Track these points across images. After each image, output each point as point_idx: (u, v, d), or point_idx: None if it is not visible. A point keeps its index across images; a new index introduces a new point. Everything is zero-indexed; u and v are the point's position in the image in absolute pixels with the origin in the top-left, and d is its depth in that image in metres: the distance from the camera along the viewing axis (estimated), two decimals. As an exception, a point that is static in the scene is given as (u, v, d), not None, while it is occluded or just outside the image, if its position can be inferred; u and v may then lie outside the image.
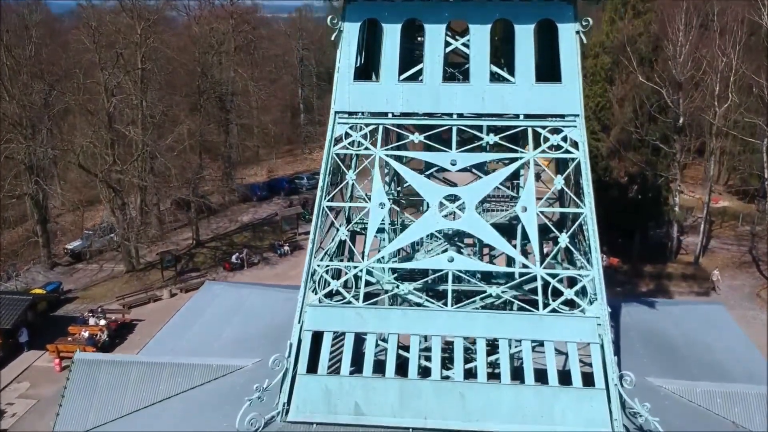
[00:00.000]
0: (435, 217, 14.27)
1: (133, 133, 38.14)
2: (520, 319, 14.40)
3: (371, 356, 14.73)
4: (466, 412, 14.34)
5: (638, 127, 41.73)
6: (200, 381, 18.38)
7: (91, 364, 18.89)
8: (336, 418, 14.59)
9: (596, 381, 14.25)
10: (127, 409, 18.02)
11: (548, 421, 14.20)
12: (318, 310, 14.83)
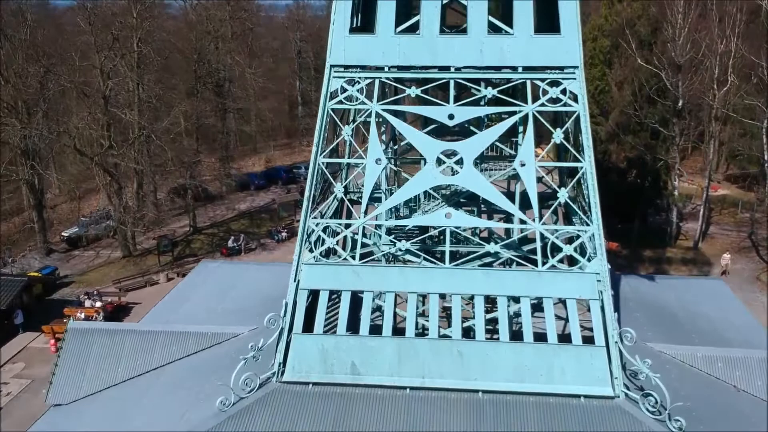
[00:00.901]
0: (432, 172, 14.03)
1: (129, 116, 37.81)
2: (518, 276, 14.17)
3: (368, 315, 14.50)
4: (464, 370, 14.12)
5: (637, 110, 41.45)
6: (195, 349, 18.17)
7: (85, 333, 18.69)
8: (332, 377, 14.37)
9: (596, 338, 14.05)
10: (120, 377, 17.80)
11: (547, 380, 13.99)
12: (314, 268, 14.59)
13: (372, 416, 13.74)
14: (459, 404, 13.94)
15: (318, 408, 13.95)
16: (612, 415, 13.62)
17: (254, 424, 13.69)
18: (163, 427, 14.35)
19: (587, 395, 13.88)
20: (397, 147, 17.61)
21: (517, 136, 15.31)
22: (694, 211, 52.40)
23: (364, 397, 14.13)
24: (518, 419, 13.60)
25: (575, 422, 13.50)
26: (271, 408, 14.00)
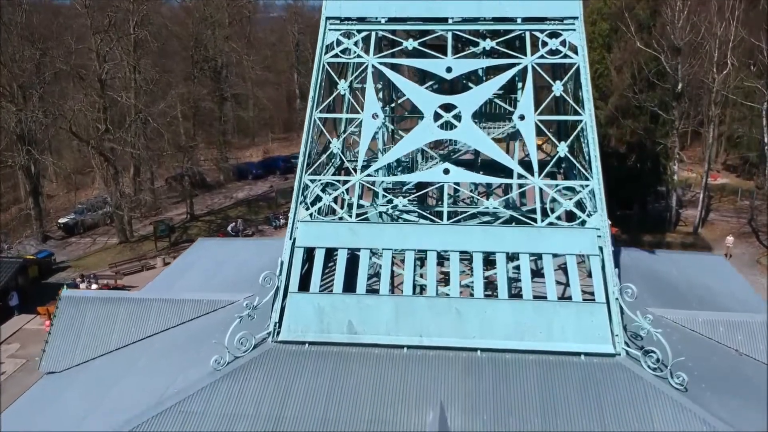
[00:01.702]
0: (430, 127, 13.80)
1: (125, 98, 37.54)
2: (517, 232, 13.94)
3: (365, 273, 14.28)
4: (462, 329, 13.90)
5: (636, 93, 41.25)
6: (190, 316, 17.93)
7: (78, 302, 18.46)
8: (329, 336, 14.15)
9: (596, 294, 13.83)
10: (114, 345, 17.57)
11: (547, 338, 13.77)
12: (310, 226, 14.36)
13: (369, 375, 13.53)
14: (457, 363, 13.73)
15: (314, 367, 13.74)
16: (613, 373, 13.41)
17: (249, 383, 13.47)
18: (158, 388, 14.11)
19: (587, 353, 13.67)
20: (394, 105, 17.37)
21: (516, 92, 15.06)
22: (694, 198, 52.29)
23: (360, 356, 13.92)
24: (517, 377, 13.39)
25: (575, 380, 13.29)
26: (267, 367, 13.78)
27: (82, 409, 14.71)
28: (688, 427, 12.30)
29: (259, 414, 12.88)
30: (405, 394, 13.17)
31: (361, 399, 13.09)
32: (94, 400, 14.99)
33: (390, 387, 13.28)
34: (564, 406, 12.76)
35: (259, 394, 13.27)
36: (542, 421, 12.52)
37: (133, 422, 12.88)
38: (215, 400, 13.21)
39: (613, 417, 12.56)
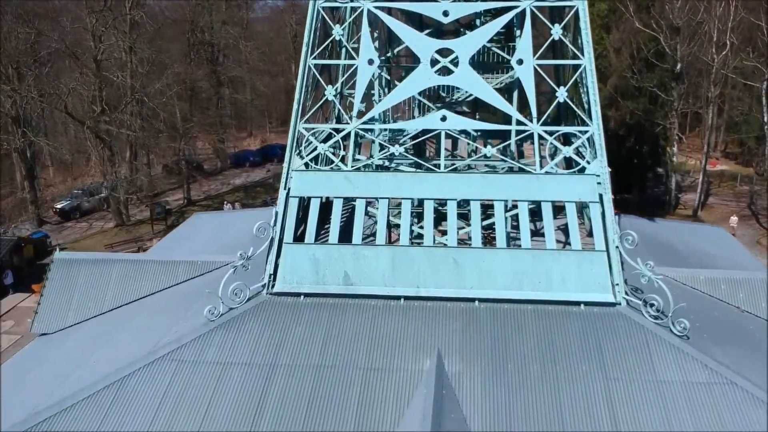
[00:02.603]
0: (427, 72, 13.54)
1: (121, 77, 37.26)
2: (516, 180, 13.71)
3: (360, 223, 14.05)
4: (460, 279, 13.68)
5: (635, 74, 41.04)
6: (185, 277, 17.72)
7: (71, 263, 18.21)
8: (324, 288, 13.92)
9: (596, 242, 13.61)
10: (107, 306, 17.33)
11: (546, 287, 13.55)
12: (304, 175, 14.11)
13: (365, 325, 13.30)
14: (455, 313, 13.51)
15: (309, 318, 13.52)
16: (613, 321, 13.21)
17: (243, 333, 13.25)
18: (150, 342, 13.87)
19: (587, 302, 13.45)
20: (390, 55, 17.10)
21: (514, 40, 14.81)
22: (693, 183, 52.17)
23: (357, 308, 13.69)
24: (516, 327, 13.18)
25: (575, 329, 13.08)
26: (261, 318, 13.56)
27: (72, 365, 14.47)
28: (691, 372, 12.10)
29: (253, 362, 12.66)
30: (402, 343, 12.95)
31: (357, 348, 12.87)
32: (85, 356, 14.75)
33: (386, 337, 13.06)
34: (564, 353, 12.55)
35: (254, 343, 13.05)
36: (542, 368, 12.31)
37: (124, 371, 12.64)
38: (209, 349, 12.99)
39: (614, 364, 12.35)
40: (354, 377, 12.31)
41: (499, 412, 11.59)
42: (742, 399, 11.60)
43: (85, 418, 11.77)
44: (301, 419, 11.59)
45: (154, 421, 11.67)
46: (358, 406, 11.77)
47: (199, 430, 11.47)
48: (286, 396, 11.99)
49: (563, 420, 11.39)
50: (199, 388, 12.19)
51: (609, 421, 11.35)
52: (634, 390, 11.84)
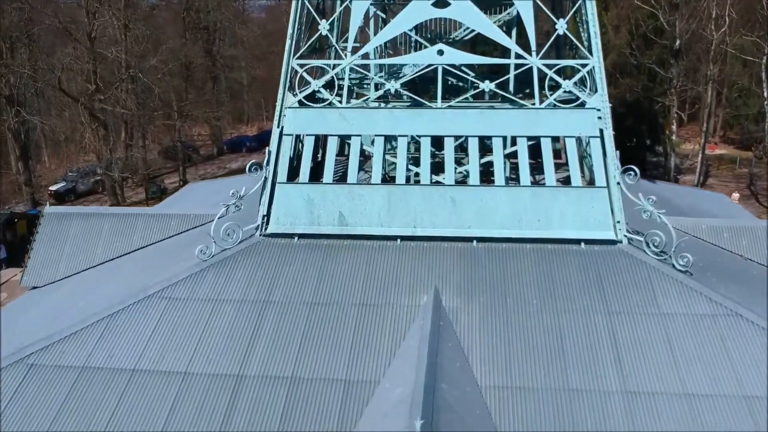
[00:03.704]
0: (423, 5, 13.22)
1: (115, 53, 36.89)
2: (515, 115, 13.39)
3: (356, 161, 13.74)
4: (457, 218, 13.38)
5: (634, 50, 40.75)
6: (177, 230, 17.43)
7: (62, 217, 17.90)
8: (319, 229, 13.62)
9: (597, 179, 13.32)
10: (99, 259, 17.04)
11: (545, 225, 13.25)
12: (298, 112, 13.79)
13: (360, 265, 13.00)
14: (452, 253, 13.21)
15: (303, 259, 13.21)
16: (614, 259, 12.92)
17: (236, 272, 12.94)
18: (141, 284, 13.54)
19: (588, 240, 13.16)
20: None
21: (512, -23, 14.48)
22: (692, 166, 51.94)
23: (352, 249, 13.39)
24: (515, 265, 12.88)
25: (575, 266, 12.79)
26: (254, 259, 13.25)
27: (61, 311, 14.16)
28: (694, 305, 11.81)
29: (246, 299, 12.35)
30: (398, 281, 12.66)
31: (352, 286, 12.57)
32: (74, 303, 14.43)
33: (382, 275, 12.77)
34: (564, 289, 12.27)
35: (246, 281, 12.75)
36: (541, 303, 12.02)
37: (113, 308, 12.34)
38: (200, 288, 12.69)
39: (615, 298, 12.06)
40: (349, 313, 12.01)
41: (498, 344, 11.30)
42: (746, 329, 11.32)
43: (72, 353, 11.46)
44: (295, 352, 11.29)
45: (144, 355, 11.37)
46: (353, 340, 11.48)
47: (190, 363, 11.16)
48: (278, 331, 11.69)
49: (565, 351, 11.10)
50: (190, 324, 11.89)
51: (612, 352, 11.07)
52: (637, 322, 11.56)
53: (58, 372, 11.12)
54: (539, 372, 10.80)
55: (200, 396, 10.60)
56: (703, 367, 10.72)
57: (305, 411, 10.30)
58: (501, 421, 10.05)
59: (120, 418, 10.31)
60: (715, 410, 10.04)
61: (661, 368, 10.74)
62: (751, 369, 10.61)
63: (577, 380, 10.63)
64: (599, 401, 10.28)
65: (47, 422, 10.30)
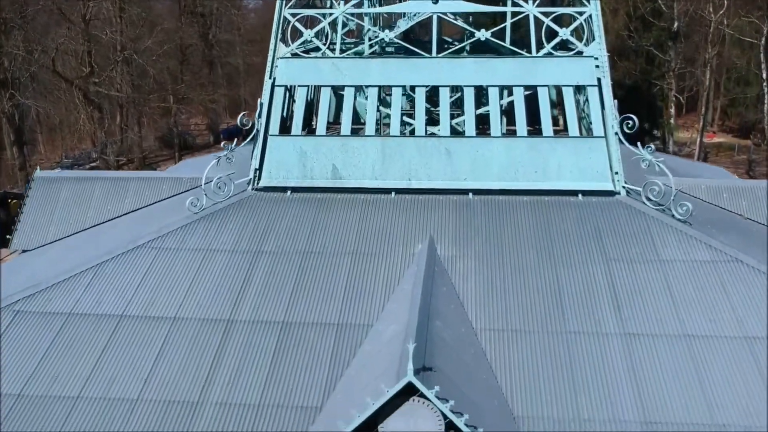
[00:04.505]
0: (417, -48, 13.02)
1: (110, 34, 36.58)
2: (511, 64, 13.15)
3: (349, 113, 13.50)
4: (453, 170, 13.15)
5: (632, 32, 40.52)
6: (169, 193, 17.19)
7: (52, 182, 17.64)
8: (312, 182, 13.38)
9: (594, 128, 13.10)
10: (90, 222, 16.78)
11: (542, 177, 13.03)
12: (290, 62, 13.54)
13: (354, 218, 12.77)
14: (448, 205, 12.99)
15: (296, 212, 12.98)
16: (613, 210, 12.70)
17: (227, 224, 12.71)
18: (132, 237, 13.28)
19: (585, 191, 12.94)
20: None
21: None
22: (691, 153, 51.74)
23: (346, 202, 13.17)
24: (511, 217, 12.66)
25: (573, 217, 12.57)
26: (246, 212, 13.03)
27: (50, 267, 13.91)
28: (694, 252, 11.60)
29: (237, 249, 12.12)
30: (392, 232, 12.44)
31: (345, 236, 12.35)
32: (65, 259, 14.19)
33: (376, 227, 12.55)
34: (561, 239, 12.05)
35: (238, 232, 12.52)
36: (538, 252, 11.81)
37: (101, 257, 12.10)
38: (191, 238, 12.45)
39: (614, 246, 11.85)
40: (342, 261, 11.79)
41: (494, 290, 11.09)
42: (747, 273, 11.12)
43: (59, 300, 11.23)
44: (287, 299, 11.06)
45: (132, 302, 11.14)
46: (346, 286, 11.26)
47: (180, 309, 10.92)
48: (270, 279, 11.47)
49: (562, 297, 10.89)
50: (180, 272, 11.66)
51: (610, 298, 10.86)
52: (636, 270, 11.35)
53: (44, 318, 10.89)
54: (536, 316, 10.59)
55: (190, 339, 10.37)
56: (702, 310, 10.51)
57: (296, 353, 10.08)
58: (496, 362, 9.83)
59: (107, 360, 10.09)
60: (715, 350, 9.84)
61: (660, 312, 10.53)
62: (751, 311, 10.41)
63: (574, 323, 10.42)
64: (597, 343, 10.07)
65: (32, 366, 10.06)
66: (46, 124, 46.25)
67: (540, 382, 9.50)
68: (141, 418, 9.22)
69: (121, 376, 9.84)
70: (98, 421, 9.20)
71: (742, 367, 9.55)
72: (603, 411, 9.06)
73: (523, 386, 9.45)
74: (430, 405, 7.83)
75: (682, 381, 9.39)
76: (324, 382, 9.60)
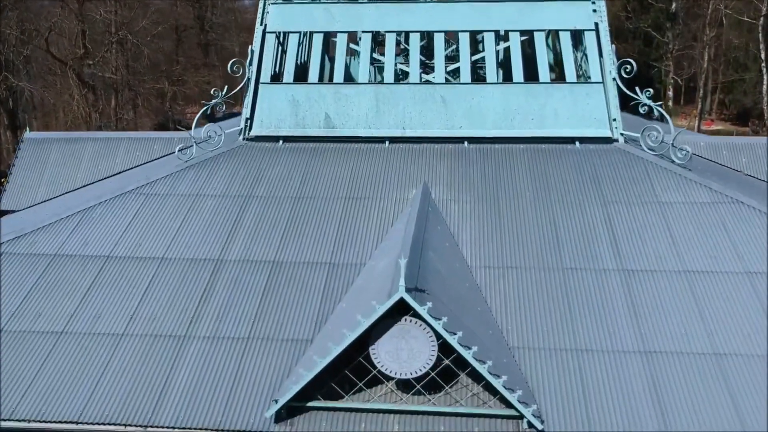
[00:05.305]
0: None
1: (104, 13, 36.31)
2: (507, 8, 12.90)
3: (342, 60, 13.26)
4: (448, 118, 12.91)
5: (630, 13, 40.30)
6: (161, 153, 16.95)
7: (41, 142, 17.40)
8: (304, 131, 13.13)
9: (592, 74, 12.86)
10: (80, 183, 16.56)
11: (539, 124, 12.79)
12: (282, 8, 13.28)
13: (347, 167, 12.52)
14: (443, 154, 12.74)
15: (288, 160, 12.73)
16: (611, 156, 12.47)
17: (218, 171, 12.47)
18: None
19: (583, 137, 12.70)
20: None
21: None
22: (688, 139, 51.58)
23: (338, 151, 12.92)
24: (508, 166, 12.41)
25: (570, 164, 12.34)
26: (237, 160, 12.77)
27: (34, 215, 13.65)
28: (694, 194, 11.37)
29: (228, 194, 11.88)
30: (386, 178, 12.20)
31: (338, 182, 12.12)
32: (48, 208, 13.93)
33: (370, 173, 12.31)
34: (558, 185, 11.80)
35: (229, 178, 12.27)
36: (535, 196, 11.57)
37: (89, 203, 11.84)
38: (180, 185, 12.20)
39: (612, 190, 11.63)
40: (334, 205, 11.56)
41: (489, 231, 10.86)
42: (748, 213, 10.89)
43: (45, 242, 10.98)
44: (278, 240, 10.82)
45: (119, 243, 10.89)
46: (339, 228, 11.03)
47: (168, 249, 10.67)
48: (261, 221, 11.22)
49: (559, 237, 10.66)
50: (169, 216, 11.42)
51: (608, 237, 10.63)
52: (635, 211, 11.12)
53: (29, 259, 10.64)
54: (532, 253, 10.35)
55: (177, 278, 10.12)
56: (702, 247, 10.28)
57: (287, 290, 9.84)
58: (491, 297, 9.60)
59: (92, 298, 9.84)
60: (716, 285, 9.61)
61: (659, 249, 10.29)
62: (753, 248, 10.18)
63: (571, 260, 10.19)
64: (595, 278, 9.84)
65: (15, 304, 9.81)
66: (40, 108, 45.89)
67: (536, 315, 9.27)
68: (126, 351, 8.97)
69: (106, 312, 9.59)
70: (83, 355, 8.95)
71: (742, 299, 9.33)
72: (601, 341, 8.83)
73: (520, 319, 9.22)
74: (422, 325, 7.62)
75: (681, 313, 9.16)
76: (315, 316, 9.37)
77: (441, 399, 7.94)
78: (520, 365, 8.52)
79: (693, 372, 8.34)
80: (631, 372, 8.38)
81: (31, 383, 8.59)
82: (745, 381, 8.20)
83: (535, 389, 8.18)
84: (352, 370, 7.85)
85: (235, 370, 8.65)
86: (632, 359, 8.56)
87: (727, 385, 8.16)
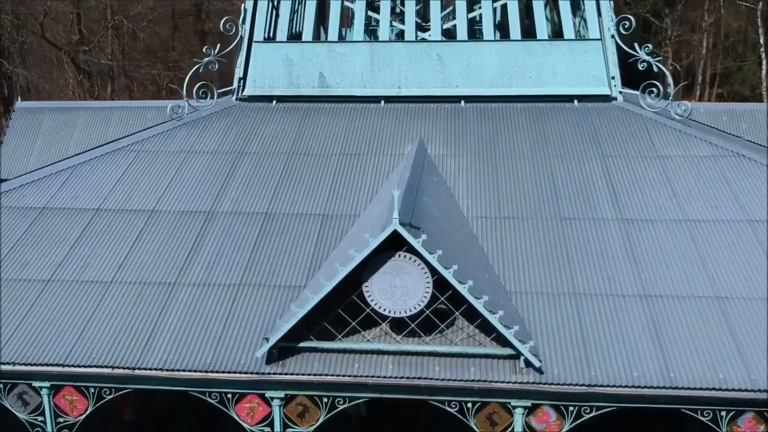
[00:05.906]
0: None
1: None
2: (504, -36, 12.73)
3: (336, 18, 13.06)
4: (444, 76, 12.69)
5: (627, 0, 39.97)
6: (154, 122, 16.69)
7: (34, 112, 17.20)
8: (298, 90, 12.92)
9: (590, 31, 12.67)
10: (72, 152, 16.28)
11: (537, 82, 12.58)
12: (276, -35, 13.11)
13: (342, 125, 12.31)
14: (439, 113, 12.54)
15: (281, 119, 12.52)
16: (610, 114, 12.28)
17: (211, 129, 12.28)
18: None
19: (581, 95, 12.50)
20: None
21: None
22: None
23: (333, 111, 12.71)
24: (506, 125, 12.21)
25: (569, 122, 12.14)
26: (230, 119, 12.57)
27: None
28: (695, 148, 11.20)
29: (221, 150, 11.69)
30: (381, 136, 12.00)
31: (332, 139, 11.92)
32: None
33: (365, 131, 12.10)
34: (557, 142, 11.61)
35: (221, 136, 12.08)
36: (532, 151, 11.38)
37: (79, 159, 11.66)
38: (172, 142, 12.02)
39: (611, 145, 11.45)
40: (328, 161, 11.37)
41: (486, 183, 10.68)
42: (748, 166, 10.72)
43: (33, 196, 10.79)
44: (271, 192, 10.63)
45: (109, 197, 10.69)
46: (333, 182, 10.85)
47: (158, 202, 10.47)
48: (254, 175, 11.04)
49: (557, 189, 10.48)
50: (160, 171, 11.23)
51: (607, 189, 10.45)
52: (634, 165, 10.95)
53: (17, 212, 10.44)
54: (530, 204, 10.18)
55: (168, 229, 9.93)
56: (703, 198, 10.11)
57: (280, 239, 9.64)
58: (488, 245, 9.40)
59: (81, 248, 9.64)
60: (717, 233, 9.43)
61: (659, 200, 10.12)
62: (754, 198, 10.00)
63: (570, 210, 10.02)
64: (594, 227, 9.66)
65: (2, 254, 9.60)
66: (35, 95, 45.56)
67: (534, 262, 9.09)
68: (115, 297, 8.77)
69: (95, 261, 9.40)
70: (70, 301, 8.75)
71: (744, 245, 9.15)
72: (600, 286, 8.65)
73: (517, 265, 9.04)
74: (416, 261, 7.42)
75: (682, 259, 8.98)
76: (309, 264, 9.18)
77: (436, 340, 7.75)
78: (518, 309, 8.33)
79: (694, 314, 8.16)
80: (630, 314, 8.20)
81: (16, 329, 8.39)
82: (747, 322, 8.02)
83: (533, 331, 8.00)
84: (345, 309, 7.65)
85: (226, 315, 8.46)
86: (632, 302, 8.37)
87: (729, 326, 7.98)
